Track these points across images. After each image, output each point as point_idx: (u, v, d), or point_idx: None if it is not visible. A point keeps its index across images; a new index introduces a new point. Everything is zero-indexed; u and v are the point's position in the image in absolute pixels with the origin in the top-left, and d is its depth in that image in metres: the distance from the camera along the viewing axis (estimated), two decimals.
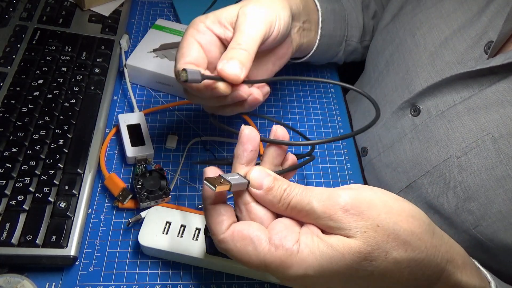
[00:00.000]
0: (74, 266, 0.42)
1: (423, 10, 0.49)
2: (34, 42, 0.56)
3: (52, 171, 0.45)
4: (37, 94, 0.50)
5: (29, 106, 0.49)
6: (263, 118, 0.57)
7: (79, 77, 0.54)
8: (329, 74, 0.65)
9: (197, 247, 0.41)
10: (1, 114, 0.48)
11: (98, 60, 0.56)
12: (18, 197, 0.42)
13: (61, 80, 0.53)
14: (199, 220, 0.43)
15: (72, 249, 0.41)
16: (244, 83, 0.37)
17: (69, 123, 0.49)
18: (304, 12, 0.48)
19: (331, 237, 0.27)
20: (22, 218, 0.41)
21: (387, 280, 0.28)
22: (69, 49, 0.57)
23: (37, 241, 0.40)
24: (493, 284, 0.33)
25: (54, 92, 0.51)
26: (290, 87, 0.62)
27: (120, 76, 0.58)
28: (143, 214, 0.44)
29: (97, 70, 0.55)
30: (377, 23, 0.60)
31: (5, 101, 0.49)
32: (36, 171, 0.44)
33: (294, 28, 0.46)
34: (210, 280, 0.43)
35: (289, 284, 0.30)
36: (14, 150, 0.45)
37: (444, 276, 0.30)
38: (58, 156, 0.46)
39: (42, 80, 0.52)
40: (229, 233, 0.29)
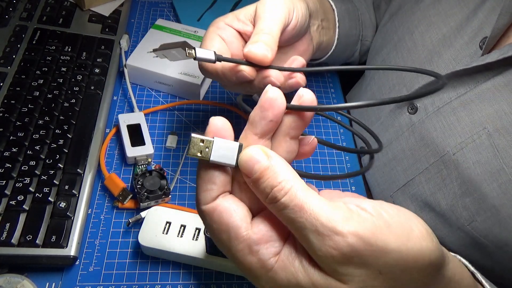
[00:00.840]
0: (74, 266, 0.42)
1: (421, 8, 0.49)
2: (34, 42, 0.56)
3: (52, 171, 0.45)
4: (37, 94, 0.50)
5: (29, 106, 0.49)
6: None
7: (79, 77, 0.54)
8: (329, 74, 0.65)
9: (197, 247, 0.41)
10: (1, 114, 0.48)
11: (98, 60, 0.56)
12: (18, 197, 0.42)
13: (61, 80, 0.53)
14: (199, 220, 0.43)
15: (72, 249, 0.41)
16: (270, 68, 0.36)
17: (69, 123, 0.49)
18: (322, 11, 0.49)
19: (317, 274, 0.23)
20: (22, 218, 0.41)
21: None
22: (69, 49, 0.57)
23: (37, 241, 0.40)
24: None
25: (54, 92, 0.51)
26: None
27: (120, 76, 0.58)
28: (143, 214, 0.44)
29: (97, 70, 0.55)
30: None
31: (5, 101, 0.49)
32: (36, 171, 0.44)
33: (314, 26, 0.47)
34: (210, 280, 0.43)
35: None
36: (14, 150, 0.45)
37: None
38: (58, 156, 0.46)
39: (42, 80, 0.52)
40: (210, 209, 0.25)
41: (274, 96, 0.24)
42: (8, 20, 0.58)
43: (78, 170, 0.46)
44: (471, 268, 0.31)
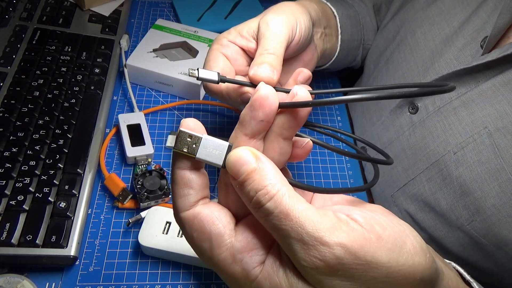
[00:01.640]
0: (74, 266, 0.42)
1: (424, 8, 0.49)
2: (34, 42, 0.56)
3: (52, 171, 0.45)
4: (37, 94, 0.50)
5: (29, 106, 0.49)
6: None
7: (79, 77, 0.54)
8: (330, 75, 0.65)
9: None
10: (1, 114, 0.48)
11: (98, 60, 0.56)
12: (18, 197, 0.42)
13: (61, 80, 0.53)
14: None
15: (72, 249, 0.41)
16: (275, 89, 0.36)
17: (69, 123, 0.49)
18: (324, 18, 0.49)
19: (301, 285, 0.22)
20: (22, 218, 0.41)
21: None
22: (69, 49, 0.57)
23: (37, 241, 0.40)
24: None
25: (54, 92, 0.51)
26: None
27: (120, 76, 0.58)
28: (143, 214, 0.44)
29: (97, 70, 0.55)
30: None
31: (5, 101, 0.49)
32: (36, 171, 0.44)
33: (317, 34, 0.47)
34: (210, 280, 0.43)
35: None
36: (14, 150, 0.45)
37: None
38: (58, 156, 0.46)
39: (42, 80, 0.52)
40: (190, 216, 0.23)
41: (266, 94, 0.22)
42: (8, 20, 0.58)
43: (78, 170, 0.46)
44: (467, 277, 0.30)
